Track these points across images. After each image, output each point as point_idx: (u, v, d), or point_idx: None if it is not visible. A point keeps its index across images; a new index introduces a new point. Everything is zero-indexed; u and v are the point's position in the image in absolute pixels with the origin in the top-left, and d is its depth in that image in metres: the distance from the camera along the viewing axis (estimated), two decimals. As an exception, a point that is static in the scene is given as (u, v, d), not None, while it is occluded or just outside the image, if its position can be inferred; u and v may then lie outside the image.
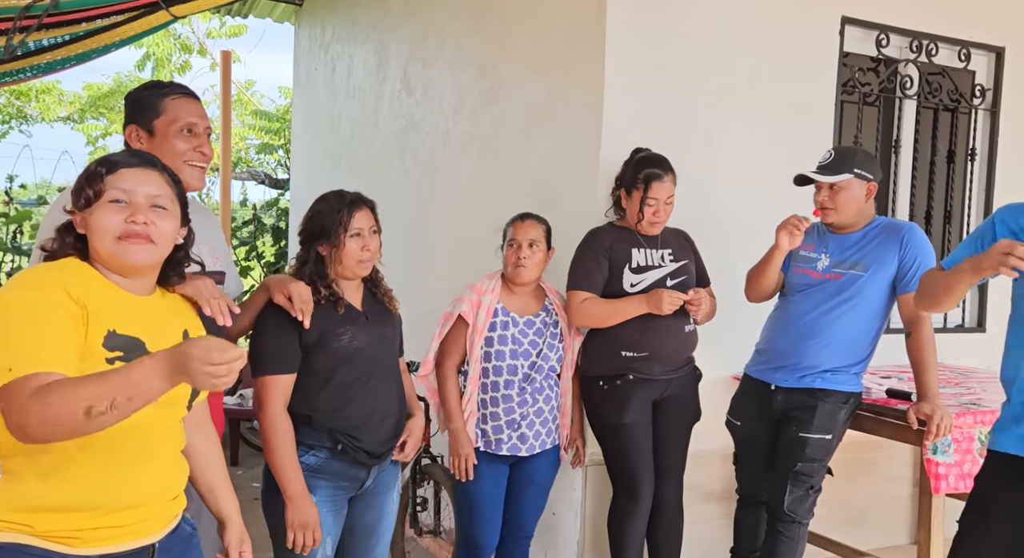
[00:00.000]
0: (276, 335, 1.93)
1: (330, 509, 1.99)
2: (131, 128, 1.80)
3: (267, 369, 1.93)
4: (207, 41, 9.37)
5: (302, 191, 5.95)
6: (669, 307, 2.41)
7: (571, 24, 3.01)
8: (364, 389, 1.99)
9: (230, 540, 1.58)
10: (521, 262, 2.47)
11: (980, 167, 3.66)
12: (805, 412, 2.46)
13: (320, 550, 1.97)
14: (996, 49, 3.56)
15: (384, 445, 2.04)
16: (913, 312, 2.42)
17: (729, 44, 3.02)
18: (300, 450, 1.95)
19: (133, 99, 1.84)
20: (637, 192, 2.52)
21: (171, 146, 1.78)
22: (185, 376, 1.15)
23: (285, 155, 8.88)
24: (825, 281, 2.50)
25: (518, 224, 2.52)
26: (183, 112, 1.82)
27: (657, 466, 2.62)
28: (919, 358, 2.43)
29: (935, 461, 2.41)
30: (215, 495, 1.59)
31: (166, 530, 1.43)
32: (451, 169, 3.81)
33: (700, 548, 2.99)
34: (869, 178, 2.46)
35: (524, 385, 2.47)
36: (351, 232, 1.98)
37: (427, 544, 3.26)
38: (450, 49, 3.84)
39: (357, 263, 2.00)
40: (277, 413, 1.92)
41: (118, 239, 1.36)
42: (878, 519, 3.37)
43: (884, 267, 2.45)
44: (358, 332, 1.99)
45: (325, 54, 5.34)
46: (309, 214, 2.05)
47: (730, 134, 3.03)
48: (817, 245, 2.56)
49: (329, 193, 2.05)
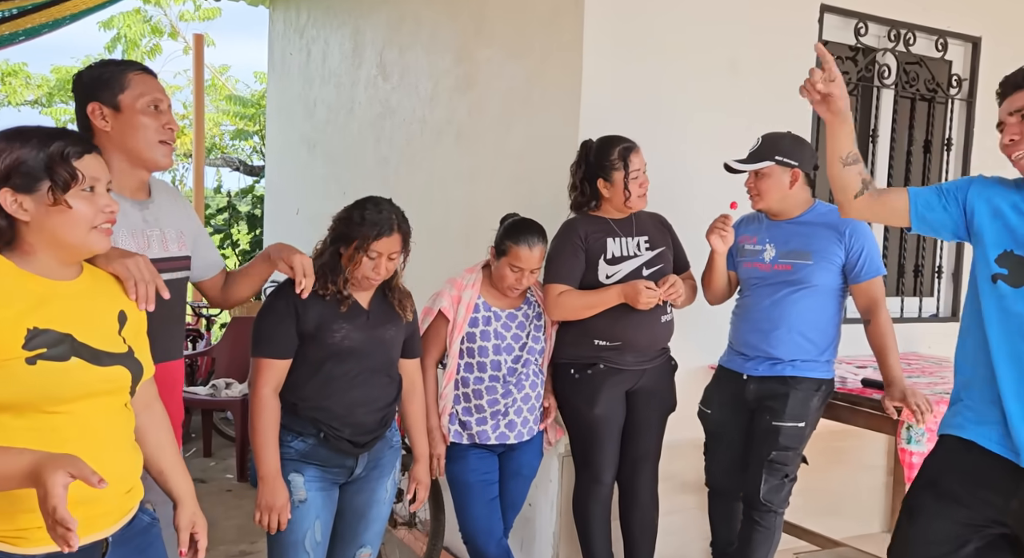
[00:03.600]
0: (278, 320, 1.97)
1: (320, 495, 2.02)
2: (93, 105, 1.74)
3: (264, 352, 1.98)
4: (179, 24, 9.19)
5: (277, 178, 5.86)
6: (645, 304, 2.39)
7: (548, 10, 2.97)
8: (349, 383, 2.02)
9: (180, 521, 1.53)
10: (519, 285, 2.42)
11: (956, 157, 3.68)
12: (778, 401, 2.48)
13: (309, 534, 2.00)
14: (972, 39, 3.57)
15: (368, 435, 2.06)
16: (869, 301, 2.47)
17: (708, 31, 2.99)
18: (290, 435, 2.00)
19: (92, 76, 1.77)
20: (618, 172, 2.47)
21: (140, 122, 1.73)
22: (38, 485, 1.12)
23: (260, 141, 8.76)
24: (774, 272, 2.52)
25: (526, 252, 2.34)
26: (148, 87, 1.77)
27: (630, 456, 2.61)
28: (880, 344, 2.45)
29: (909, 450, 2.42)
30: (164, 477, 1.54)
31: (120, 523, 1.39)
32: (428, 156, 3.76)
33: (676, 538, 2.99)
34: (792, 164, 2.47)
35: (509, 378, 2.44)
36: (371, 253, 1.99)
37: (402, 535, 3.23)
38: (426, 34, 3.78)
39: (363, 278, 2.01)
40: (267, 396, 1.97)
41: (92, 228, 1.33)
42: (853, 508, 3.39)
43: (829, 258, 2.47)
44: (354, 331, 2.01)
45: (300, 38, 5.25)
46: (344, 215, 2.04)
47: (709, 121, 3.01)
48: (760, 236, 2.57)
49: (374, 201, 2.03)
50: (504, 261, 2.39)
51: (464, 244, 3.42)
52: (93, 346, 1.34)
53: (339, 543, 2.13)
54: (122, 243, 1.69)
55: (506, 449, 2.50)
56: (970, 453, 1.76)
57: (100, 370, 1.34)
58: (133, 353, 1.42)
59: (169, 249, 1.83)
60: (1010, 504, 1.70)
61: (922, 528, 1.81)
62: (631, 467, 2.63)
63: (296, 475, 1.99)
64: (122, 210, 1.70)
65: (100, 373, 1.34)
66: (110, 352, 1.37)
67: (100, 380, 1.34)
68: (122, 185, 1.73)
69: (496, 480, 2.50)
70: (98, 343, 1.35)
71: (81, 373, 1.31)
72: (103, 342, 1.36)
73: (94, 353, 1.33)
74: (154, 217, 1.81)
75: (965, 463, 1.77)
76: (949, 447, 1.82)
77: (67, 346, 1.29)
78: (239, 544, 3.40)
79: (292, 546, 1.99)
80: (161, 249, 1.80)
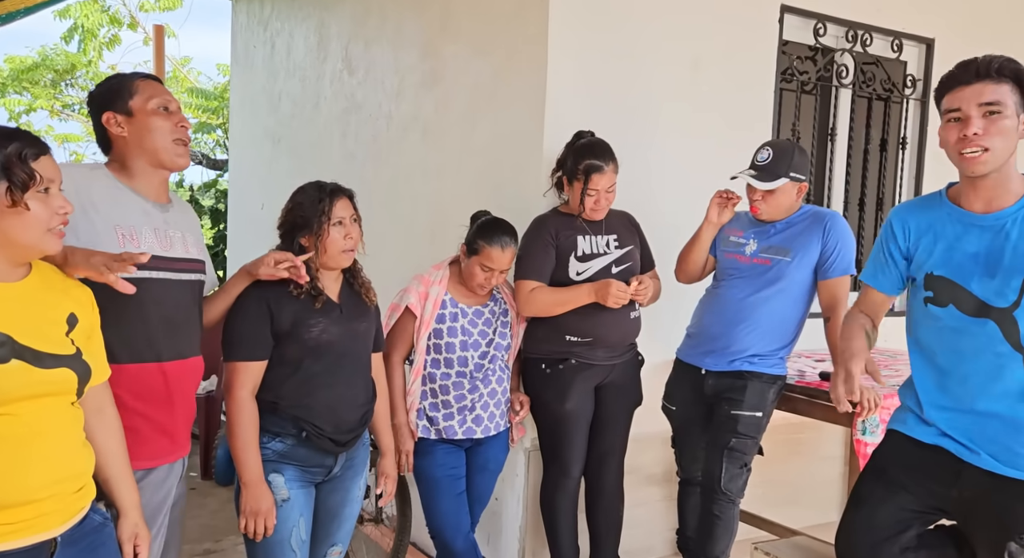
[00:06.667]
0: (250, 321, 1.94)
1: (301, 492, 2.01)
2: (107, 115, 1.78)
3: (238, 355, 1.94)
4: (139, 14, 9.00)
5: (241, 172, 5.78)
6: (615, 303, 2.43)
7: (514, 5, 2.98)
8: (330, 380, 2.00)
9: (122, 533, 1.52)
10: (488, 284, 2.43)
11: (910, 155, 3.78)
12: (736, 392, 2.54)
13: (295, 532, 1.98)
14: (927, 40, 3.67)
15: (349, 433, 2.05)
16: (833, 298, 2.53)
17: (671, 28, 3.03)
18: (268, 436, 1.97)
19: (101, 90, 1.82)
20: (578, 182, 2.52)
21: (153, 124, 1.77)
22: None
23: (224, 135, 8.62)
24: (753, 266, 2.57)
25: (498, 253, 2.36)
26: (155, 91, 1.81)
27: (597, 451, 2.65)
28: (836, 342, 2.50)
29: (864, 441, 2.49)
30: (110, 486, 1.52)
31: (70, 522, 1.37)
32: (394, 151, 3.75)
33: (641, 530, 3.04)
34: (802, 179, 2.53)
35: (476, 374, 2.45)
36: (334, 220, 1.99)
37: (369, 531, 3.23)
38: (392, 29, 3.76)
39: (341, 252, 2.01)
40: (244, 399, 1.93)
41: (47, 230, 1.33)
42: (811, 498, 3.48)
43: (808, 253, 2.53)
44: (330, 325, 2.00)
45: (264, 31, 5.18)
46: (289, 206, 2.04)
47: (674, 113, 3.05)
48: (745, 232, 2.63)
49: (307, 184, 2.05)
50: (475, 260, 2.40)
51: (430, 240, 3.43)
52: (35, 348, 1.32)
53: (311, 542, 2.11)
54: (145, 241, 1.73)
55: (473, 444, 2.52)
56: (915, 447, 1.85)
57: (42, 372, 1.32)
58: (81, 355, 1.40)
59: (190, 252, 1.86)
60: (951, 493, 1.79)
61: (867, 514, 1.89)
62: (598, 461, 2.66)
63: (276, 475, 1.96)
64: (145, 211, 1.76)
65: (42, 375, 1.32)
66: (54, 354, 1.35)
67: (42, 382, 1.33)
68: (145, 188, 1.79)
69: (463, 475, 2.51)
70: (41, 345, 1.33)
71: (22, 375, 1.29)
72: (47, 344, 1.35)
73: (36, 355, 1.32)
74: (175, 221, 1.85)
75: (911, 456, 1.85)
76: (896, 441, 1.91)
77: (7, 348, 1.28)
78: (203, 542, 3.37)
79: (278, 545, 1.97)
80: (183, 250, 1.83)
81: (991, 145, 1.65)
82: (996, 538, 1.71)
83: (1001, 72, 1.65)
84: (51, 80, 9.54)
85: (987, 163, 1.67)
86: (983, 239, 1.72)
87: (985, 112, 1.65)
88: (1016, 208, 1.70)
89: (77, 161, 10.26)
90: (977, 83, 1.65)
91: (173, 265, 1.78)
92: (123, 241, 1.68)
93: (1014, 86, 1.65)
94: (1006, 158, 1.68)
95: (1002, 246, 1.69)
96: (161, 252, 1.75)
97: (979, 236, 1.73)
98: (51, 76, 9.46)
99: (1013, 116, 1.65)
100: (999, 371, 1.70)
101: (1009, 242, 1.68)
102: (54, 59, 9.36)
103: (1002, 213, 1.71)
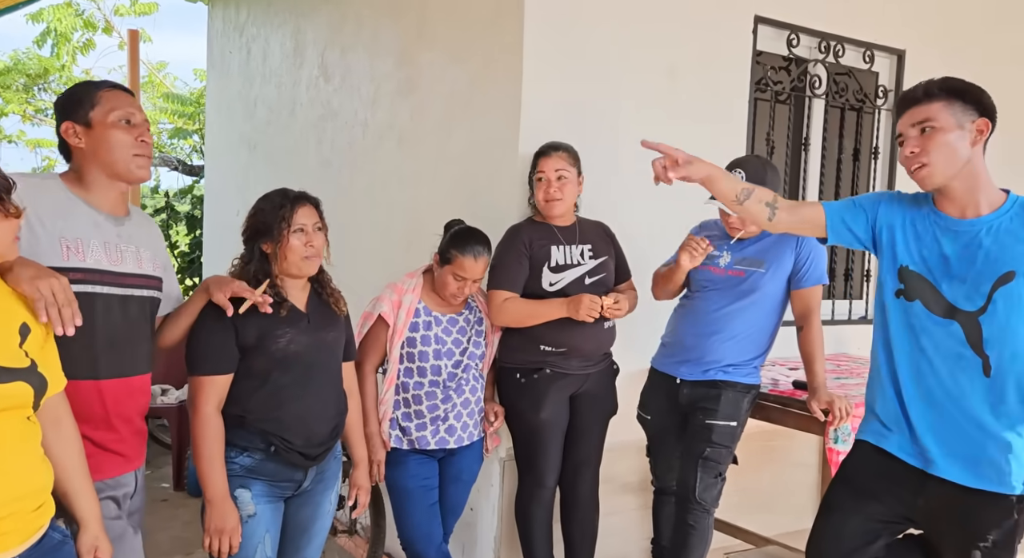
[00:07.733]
0: (213, 335, 1.91)
1: (268, 507, 1.97)
2: (66, 125, 1.75)
3: (202, 369, 1.91)
4: (114, 18, 8.90)
5: (217, 178, 5.73)
6: (587, 317, 2.42)
7: (490, 12, 2.98)
8: (299, 392, 1.97)
9: (82, 545, 1.48)
10: (461, 293, 2.42)
11: (882, 165, 3.83)
12: (710, 401, 2.54)
13: (260, 549, 1.95)
14: (898, 51, 3.72)
15: (320, 446, 2.02)
16: (806, 307, 2.55)
17: (646, 37, 3.05)
18: (235, 451, 1.93)
19: (63, 98, 1.79)
20: (534, 175, 2.56)
21: (112, 137, 1.74)
22: None
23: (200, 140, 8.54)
24: (727, 277, 2.59)
25: (471, 263, 2.36)
26: (118, 102, 1.78)
27: (572, 460, 2.64)
28: (809, 351, 2.55)
29: (836, 449, 2.50)
30: (69, 499, 1.49)
31: (28, 542, 1.34)
32: (370, 159, 3.73)
33: (616, 538, 3.03)
34: None
35: (449, 383, 2.44)
36: (294, 228, 1.97)
37: (343, 542, 3.20)
38: (368, 36, 3.75)
39: (302, 259, 1.98)
40: (209, 415, 1.90)
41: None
42: (784, 505, 3.49)
43: (781, 264, 2.55)
44: (298, 335, 1.97)
45: (240, 36, 5.14)
46: (252, 212, 2.03)
47: (649, 121, 3.06)
48: (719, 244, 2.64)
49: (272, 191, 2.04)
50: (448, 269, 2.39)
51: (406, 248, 3.41)
52: None
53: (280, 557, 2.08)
54: (92, 254, 1.69)
55: (446, 454, 2.50)
56: (882, 457, 1.87)
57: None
58: (36, 367, 1.37)
59: (143, 267, 1.82)
60: (917, 502, 1.81)
61: (836, 523, 1.91)
62: (573, 471, 2.65)
63: (243, 490, 1.93)
64: (96, 223, 1.72)
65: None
66: (8, 367, 1.32)
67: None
68: (100, 200, 1.76)
69: (436, 485, 2.49)
70: None
71: None
72: (0, 357, 1.31)
73: None
74: (129, 235, 1.80)
75: (879, 466, 1.88)
76: (864, 450, 1.93)
77: None
78: (173, 555, 3.31)
79: None
80: (136, 266, 1.79)
81: (929, 160, 1.74)
82: (961, 546, 1.74)
83: (929, 92, 1.75)
84: (23, 84, 9.40)
85: (933, 175, 1.75)
86: (957, 243, 1.78)
87: (919, 131, 1.76)
88: (992, 217, 1.76)
89: (50, 166, 10.12)
90: (912, 108, 1.77)
91: (121, 280, 1.74)
92: (67, 254, 1.64)
93: (949, 101, 1.74)
94: (954, 169, 1.75)
95: (975, 253, 1.75)
96: (109, 266, 1.71)
97: (953, 240, 1.78)
98: (23, 80, 9.33)
99: (953, 128, 1.73)
100: (959, 373, 1.75)
101: (982, 249, 1.74)
102: (26, 63, 9.23)
103: (978, 221, 1.77)
